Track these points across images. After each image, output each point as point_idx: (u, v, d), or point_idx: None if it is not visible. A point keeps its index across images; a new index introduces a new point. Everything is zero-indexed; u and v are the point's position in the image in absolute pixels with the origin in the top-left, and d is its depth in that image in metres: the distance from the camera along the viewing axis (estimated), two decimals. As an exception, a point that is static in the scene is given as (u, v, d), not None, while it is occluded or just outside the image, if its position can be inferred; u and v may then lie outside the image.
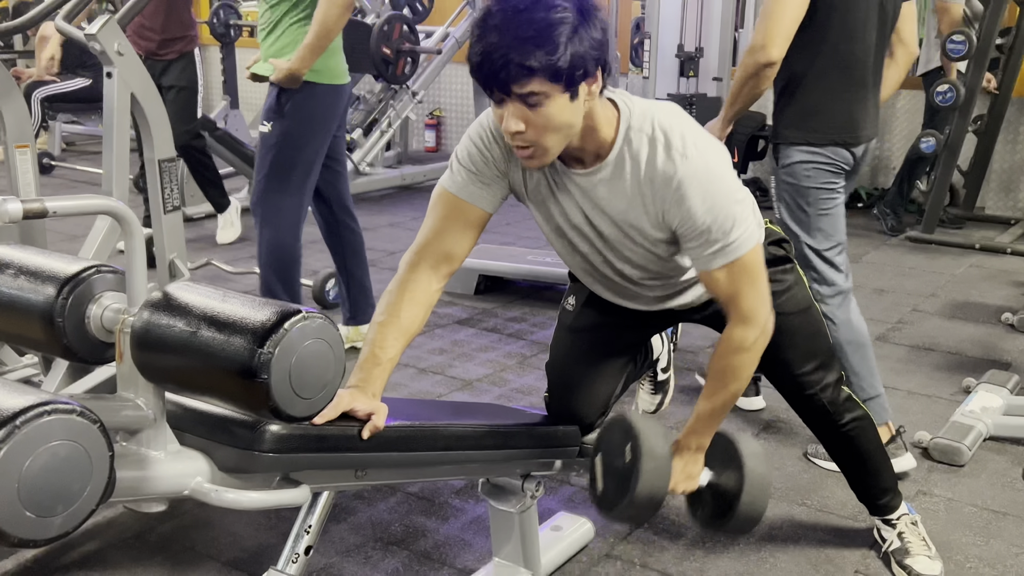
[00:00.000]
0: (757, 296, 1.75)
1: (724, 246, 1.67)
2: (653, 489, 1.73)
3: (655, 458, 1.73)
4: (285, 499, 1.53)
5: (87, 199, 1.41)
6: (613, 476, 1.81)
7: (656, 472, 1.73)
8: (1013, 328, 3.96)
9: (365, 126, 6.44)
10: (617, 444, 1.80)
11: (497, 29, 1.50)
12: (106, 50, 2.64)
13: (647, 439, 1.74)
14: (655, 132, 1.66)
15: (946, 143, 5.25)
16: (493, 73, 1.51)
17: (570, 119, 1.58)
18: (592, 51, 1.53)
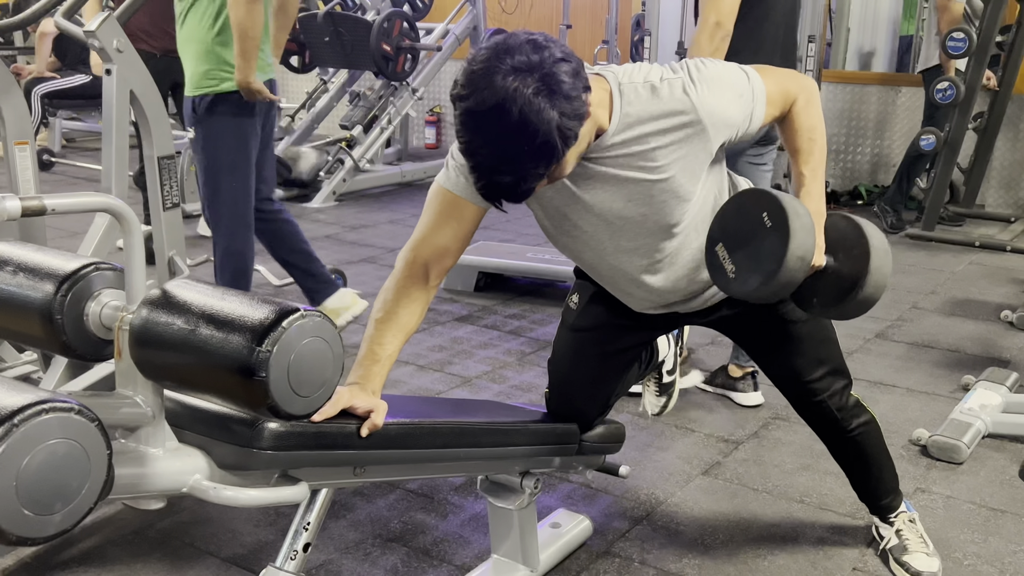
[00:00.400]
0: (788, 78, 1.83)
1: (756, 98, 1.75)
2: (804, 248, 1.67)
3: (802, 216, 1.68)
4: (284, 496, 1.53)
5: (86, 197, 1.41)
6: (750, 250, 1.72)
7: (805, 230, 1.67)
8: (1012, 326, 3.96)
9: (365, 123, 6.44)
10: (750, 214, 1.73)
11: (491, 169, 1.50)
12: (105, 47, 2.64)
13: (788, 201, 1.70)
14: (648, 76, 1.69)
15: (946, 140, 5.25)
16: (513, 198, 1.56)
17: (580, 149, 1.62)
18: (574, 107, 1.51)
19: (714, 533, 2.38)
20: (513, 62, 1.46)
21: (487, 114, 1.46)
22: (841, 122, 6.49)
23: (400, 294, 1.76)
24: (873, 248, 1.77)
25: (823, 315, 1.89)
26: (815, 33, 5.58)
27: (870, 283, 1.76)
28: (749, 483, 2.63)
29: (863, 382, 3.34)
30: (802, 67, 5.67)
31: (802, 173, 1.85)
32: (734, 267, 1.75)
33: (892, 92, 6.36)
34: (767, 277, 1.69)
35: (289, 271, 3.62)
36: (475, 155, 1.50)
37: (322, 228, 5.54)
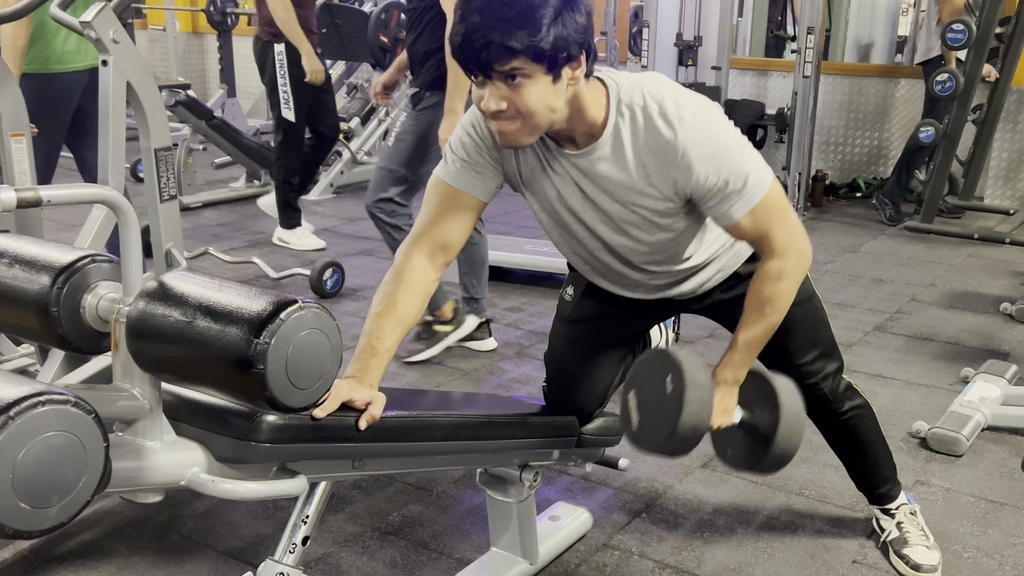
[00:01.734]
0: (787, 229, 1.74)
1: (742, 196, 1.66)
2: (698, 419, 1.67)
3: (699, 388, 1.67)
4: (282, 489, 1.52)
5: (82, 188, 1.40)
6: (651, 409, 1.74)
7: (700, 402, 1.67)
8: (1012, 318, 3.96)
9: (363, 115, 6.42)
10: (656, 376, 1.73)
11: (479, 11, 1.49)
12: (102, 38, 2.62)
13: (690, 370, 1.69)
14: (647, 102, 1.65)
15: (945, 132, 5.24)
16: (474, 53, 1.50)
17: (552, 102, 1.57)
18: (575, 35, 1.52)
19: (713, 525, 2.37)
20: None
21: None
22: (840, 114, 6.48)
23: (399, 287, 1.74)
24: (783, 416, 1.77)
25: (736, 467, 1.92)
26: (814, 25, 5.57)
27: (776, 448, 1.77)
28: (748, 476, 2.63)
29: (862, 375, 3.33)
30: (801, 58, 5.67)
31: (736, 342, 1.81)
32: (639, 420, 1.78)
33: (891, 84, 6.35)
34: (661, 440, 1.71)
35: None
36: (468, 2, 1.51)
37: (320, 220, 5.53)
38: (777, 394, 1.79)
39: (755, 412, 1.82)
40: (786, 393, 1.80)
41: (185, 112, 5.42)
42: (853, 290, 4.35)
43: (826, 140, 6.53)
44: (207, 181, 6.18)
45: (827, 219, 5.76)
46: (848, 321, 3.90)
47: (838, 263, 4.80)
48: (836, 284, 4.44)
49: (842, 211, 5.99)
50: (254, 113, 8.34)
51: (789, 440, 1.77)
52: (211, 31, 8.16)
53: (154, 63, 9.27)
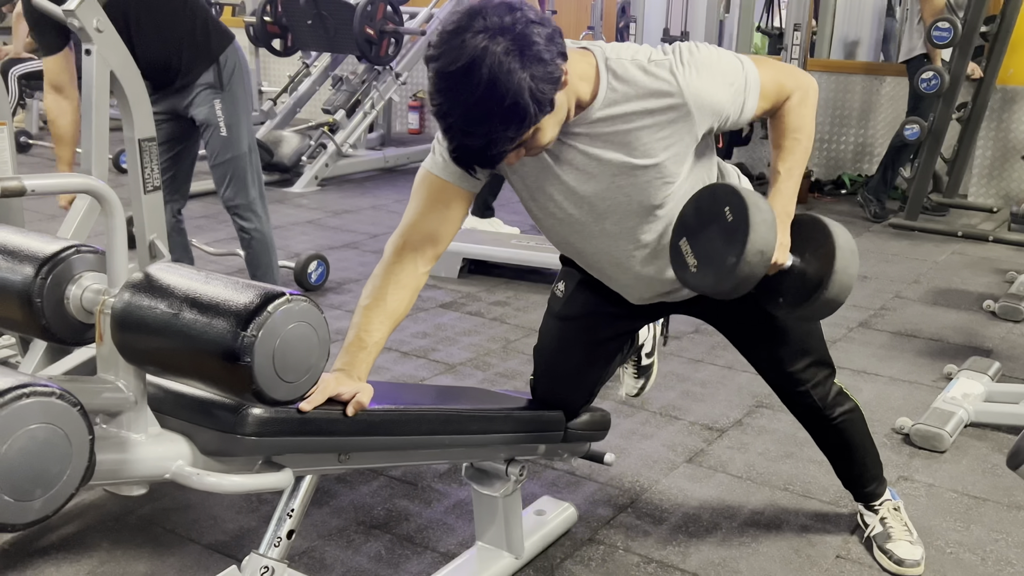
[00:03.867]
0: (788, 76, 1.80)
1: (749, 88, 1.72)
2: (765, 242, 1.65)
3: (763, 211, 1.67)
4: (268, 483, 1.51)
5: (66, 177, 1.38)
6: (711, 244, 1.70)
7: (766, 224, 1.65)
8: (994, 315, 3.98)
9: (348, 107, 6.39)
10: (713, 210, 1.71)
11: (463, 131, 1.49)
12: (85, 27, 2.59)
13: (750, 195, 1.69)
14: (636, 55, 1.68)
15: (930, 130, 5.27)
16: (483, 164, 1.56)
17: (560, 120, 1.60)
18: (551, 77, 1.50)
19: (698, 520, 2.38)
20: (485, 22, 1.46)
21: (457, 74, 1.45)
22: (825, 111, 6.50)
23: (388, 281, 1.73)
24: (839, 248, 1.76)
25: (789, 315, 1.87)
26: (800, 22, 5.58)
27: (835, 283, 1.75)
28: (733, 471, 2.63)
29: (846, 371, 3.35)
30: (787, 56, 5.68)
31: (777, 171, 1.84)
32: (696, 261, 1.74)
33: (876, 81, 6.37)
34: (727, 270, 1.68)
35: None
36: (446, 117, 1.49)
37: (304, 213, 5.50)
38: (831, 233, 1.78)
39: (806, 256, 1.80)
40: (841, 234, 1.79)
41: (169, 103, 5.36)
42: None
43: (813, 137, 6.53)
44: (191, 172, 6.13)
45: (812, 215, 5.77)
46: (832, 318, 3.87)
47: (823, 259, 4.81)
48: (821, 280, 4.44)
49: (827, 208, 6.01)
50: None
51: (845, 278, 1.75)
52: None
53: (138, 53, 9.19)
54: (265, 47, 6.67)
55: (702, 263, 1.73)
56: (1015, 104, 5.84)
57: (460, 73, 1.44)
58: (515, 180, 1.81)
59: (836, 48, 8.06)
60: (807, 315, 1.84)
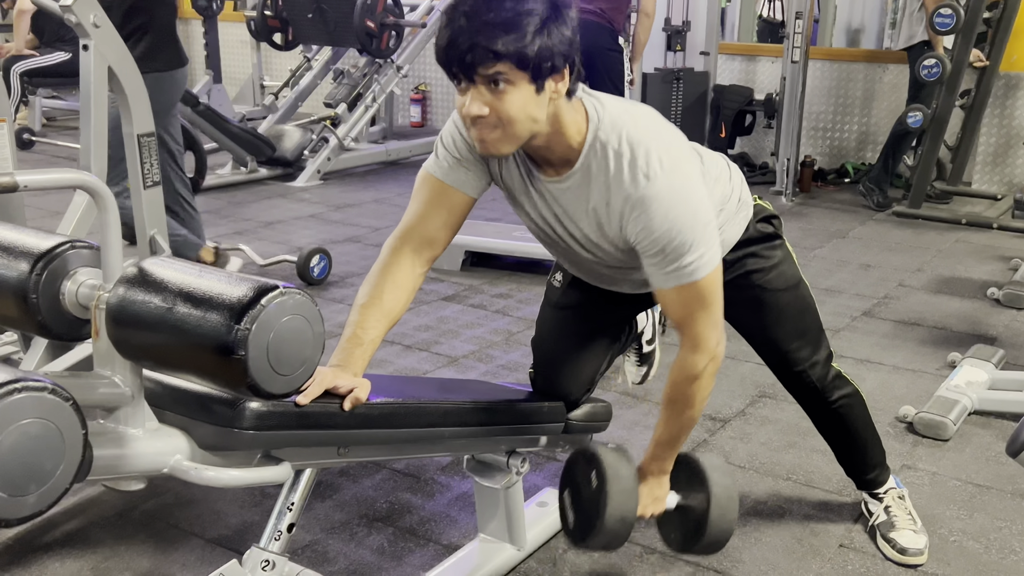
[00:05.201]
0: (708, 321, 1.71)
1: (679, 268, 1.64)
2: (623, 511, 1.77)
3: (621, 479, 1.78)
4: (266, 477, 1.51)
5: (59, 173, 1.38)
6: (582, 506, 1.84)
7: (624, 493, 1.77)
8: (998, 303, 3.97)
9: (350, 101, 6.38)
10: (583, 474, 1.83)
11: (466, 15, 1.49)
12: (82, 22, 2.58)
13: (611, 464, 1.78)
14: (622, 147, 1.62)
15: (933, 117, 5.24)
16: (459, 56, 1.49)
17: (534, 112, 1.55)
18: (561, 46, 1.51)
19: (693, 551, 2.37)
20: None
21: None
22: (828, 100, 6.48)
23: (385, 280, 1.73)
24: (714, 496, 1.85)
25: (681, 551, 2.00)
26: (802, 10, 5.55)
27: (712, 530, 1.85)
28: (736, 461, 2.63)
29: (850, 359, 3.34)
30: (789, 44, 5.66)
31: (655, 438, 1.87)
32: (573, 517, 1.87)
33: (879, 69, 6.34)
34: (593, 534, 1.80)
35: None
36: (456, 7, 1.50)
37: (306, 207, 5.50)
38: (706, 475, 1.87)
39: (689, 496, 1.91)
40: (716, 471, 1.89)
41: (170, 98, 5.36)
42: (841, 275, 4.36)
43: (814, 126, 6.52)
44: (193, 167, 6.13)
45: (815, 205, 5.76)
46: (836, 306, 3.91)
47: (826, 248, 4.80)
48: (824, 269, 4.44)
49: (830, 197, 5.99)
50: (240, 99, 8.28)
51: (724, 519, 1.86)
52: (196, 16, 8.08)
53: (139, 49, 9.18)
54: (266, 41, 6.66)
55: (578, 520, 1.86)
56: (1018, 91, 5.81)
57: None
58: (506, 195, 1.83)
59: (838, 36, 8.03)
60: (699, 551, 1.95)
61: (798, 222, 5.31)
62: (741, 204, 1.94)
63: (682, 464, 1.91)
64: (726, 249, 1.95)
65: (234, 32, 8.45)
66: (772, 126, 6.24)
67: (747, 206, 1.96)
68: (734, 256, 1.96)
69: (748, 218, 1.96)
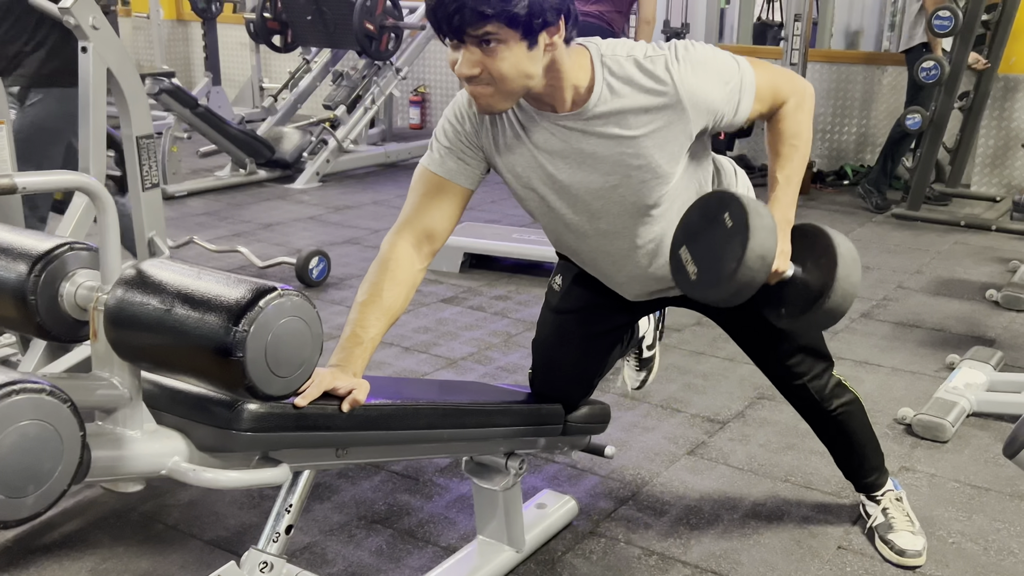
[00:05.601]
0: (784, 77, 1.80)
1: (744, 89, 1.71)
2: (765, 247, 1.62)
3: (763, 216, 1.64)
4: (265, 478, 1.51)
5: (58, 175, 1.38)
6: (711, 252, 1.69)
7: (765, 229, 1.63)
8: (997, 305, 3.97)
9: (349, 103, 6.39)
10: (712, 215, 1.69)
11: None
12: (81, 24, 2.59)
13: (750, 201, 1.66)
14: (633, 51, 1.67)
15: (932, 120, 5.25)
16: (447, 16, 1.48)
17: (528, 68, 1.55)
18: (551, 0, 1.51)
19: (699, 513, 2.37)
20: None
21: None
22: (827, 101, 6.48)
23: (384, 277, 1.72)
24: (840, 257, 1.73)
25: (791, 326, 1.85)
26: (801, 12, 5.56)
27: (837, 292, 1.72)
28: (734, 463, 2.63)
29: (848, 361, 3.34)
30: (788, 46, 5.66)
31: (776, 178, 1.83)
32: (696, 269, 1.72)
33: (877, 71, 6.35)
34: (727, 276, 1.65)
35: None
36: None
37: (306, 209, 5.51)
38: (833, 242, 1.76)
39: (807, 265, 1.78)
40: (843, 243, 1.77)
41: (170, 100, 5.37)
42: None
43: (814, 127, 6.51)
44: (192, 170, 6.14)
45: (815, 207, 5.76)
46: (835, 308, 3.90)
47: (825, 250, 4.80)
48: (823, 271, 4.43)
49: (830, 199, 5.99)
50: (239, 101, 8.29)
51: (847, 286, 1.72)
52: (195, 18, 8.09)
53: (138, 51, 9.20)
54: (265, 43, 6.66)
55: (702, 270, 1.71)
56: (1017, 93, 5.81)
57: None
58: (507, 175, 1.79)
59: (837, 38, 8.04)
60: (809, 325, 1.82)
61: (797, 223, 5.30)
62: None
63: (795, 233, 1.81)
64: None
65: (233, 34, 8.46)
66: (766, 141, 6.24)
67: None
68: None
69: None
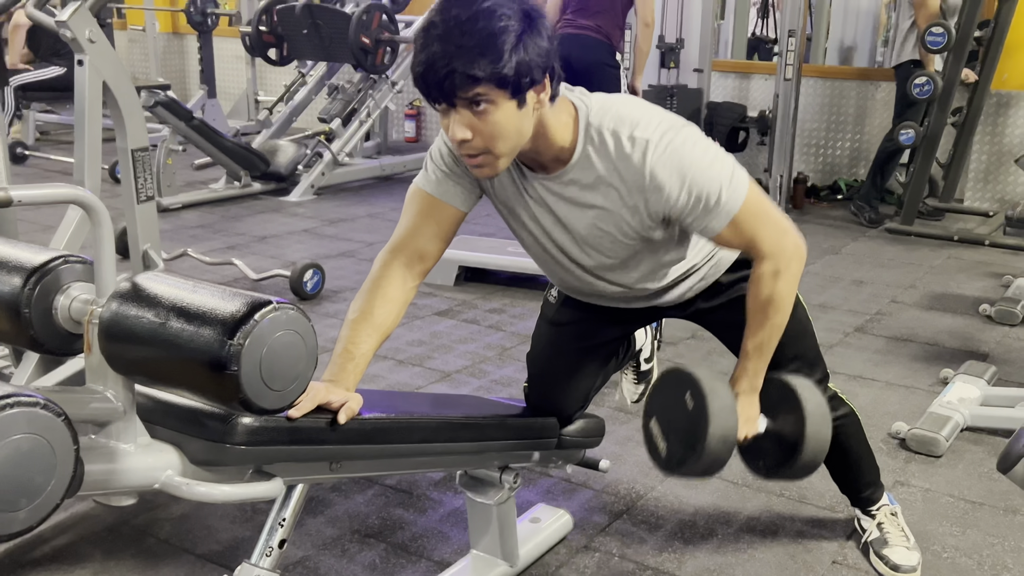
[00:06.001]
0: (774, 230, 1.71)
1: (719, 210, 1.65)
2: (725, 430, 1.65)
3: (720, 397, 1.66)
4: (258, 492, 1.51)
5: (53, 188, 1.38)
6: (677, 430, 1.72)
7: (725, 411, 1.66)
8: (990, 319, 3.98)
9: (344, 116, 6.40)
10: (675, 395, 1.72)
11: (440, 39, 1.47)
12: (77, 37, 2.60)
13: (708, 382, 1.68)
14: (617, 124, 1.63)
15: (925, 135, 5.27)
16: (437, 82, 1.48)
17: (519, 127, 1.55)
18: (538, 59, 1.50)
19: (693, 527, 2.37)
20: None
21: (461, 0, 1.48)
22: (821, 117, 6.51)
23: (376, 295, 1.73)
24: (808, 415, 1.77)
25: (772, 478, 1.92)
26: (795, 28, 5.59)
27: (808, 451, 1.77)
28: (729, 477, 2.63)
29: (842, 375, 3.34)
30: (782, 62, 5.69)
31: (746, 349, 1.81)
32: (665, 445, 1.76)
33: (871, 87, 6.38)
34: (694, 459, 1.69)
35: None
36: (430, 28, 1.48)
37: (300, 222, 5.51)
38: (798, 395, 1.78)
39: (778, 418, 1.81)
40: (807, 391, 1.79)
41: (165, 113, 5.38)
42: (834, 291, 4.37)
43: (807, 142, 6.55)
44: (187, 182, 6.14)
45: (808, 221, 5.77)
46: (829, 322, 3.92)
47: (819, 264, 4.81)
48: (817, 285, 4.45)
49: (823, 213, 6.01)
50: (234, 114, 8.30)
51: (818, 439, 1.76)
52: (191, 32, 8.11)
53: (134, 64, 9.21)
54: (261, 56, 6.67)
55: (671, 448, 1.75)
56: (1010, 109, 5.84)
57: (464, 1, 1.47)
58: (499, 207, 1.82)
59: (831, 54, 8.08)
60: (788, 477, 1.87)
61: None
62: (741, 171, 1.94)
63: (767, 385, 1.83)
64: (720, 271, 1.96)
65: (229, 47, 8.48)
66: (765, 143, 6.27)
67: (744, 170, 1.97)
68: (730, 279, 1.96)
69: None
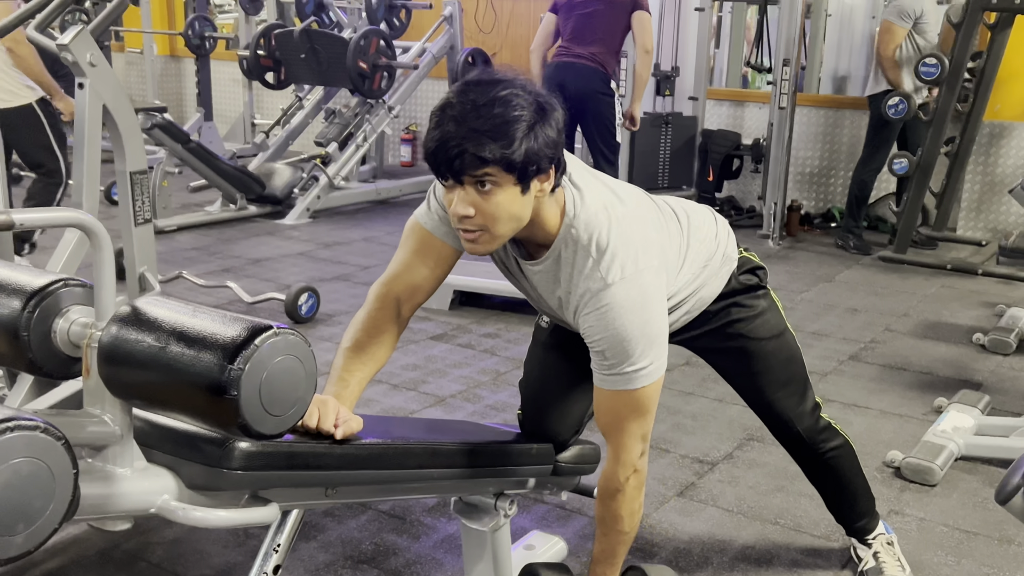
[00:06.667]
0: (636, 432, 1.73)
1: (618, 374, 1.66)
2: None
3: None
4: (254, 517, 1.50)
5: (54, 211, 1.38)
6: None
7: None
8: (984, 348, 3.99)
9: (340, 140, 6.42)
10: None
11: (455, 120, 1.50)
12: (78, 61, 2.61)
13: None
14: (591, 247, 1.65)
15: (919, 164, 5.31)
16: (448, 160, 1.52)
17: (519, 211, 1.58)
18: (546, 149, 1.54)
19: (688, 555, 2.36)
20: (523, 84, 1.55)
21: (482, 84, 1.54)
22: (815, 145, 6.55)
23: (370, 327, 1.75)
24: None
25: None
26: (790, 57, 5.63)
27: None
28: (724, 504, 2.62)
29: (837, 403, 3.35)
30: (776, 90, 5.73)
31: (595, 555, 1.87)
32: None
33: (865, 116, 6.40)
34: None
35: None
36: (447, 108, 1.52)
37: (296, 245, 5.51)
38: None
39: None
40: None
41: (161, 135, 5.39)
42: (828, 319, 4.38)
43: (801, 170, 6.59)
44: (182, 204, 6.15)
45: (802, 249, 5.80)
46: (823, 350, 3.92)
47: (813, 292, 4.83)
48: (811, 313, 4.46)
49: (817, 241, 6.04)
50: (231, 137, 8.32)
51: None
52: (189, 55, 8.14)
53: (131, 86, 9.24)
54: (258, 80, 6.71)
55: None
56: (1002, 139, 5.89)
57: (485, 84, 1.53)
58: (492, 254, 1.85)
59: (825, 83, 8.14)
60: None
61: (785, 266, 5.34)
62: (725, 259, 1.96)
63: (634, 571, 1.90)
64: (706, 303, 1.97)
65: (226, 70, 8.51)
66: (759, 170, 6.30)
67: (731, 260, 1.98)
68: (718, 306, 1.98)
69: (731, 272, 1.98)
